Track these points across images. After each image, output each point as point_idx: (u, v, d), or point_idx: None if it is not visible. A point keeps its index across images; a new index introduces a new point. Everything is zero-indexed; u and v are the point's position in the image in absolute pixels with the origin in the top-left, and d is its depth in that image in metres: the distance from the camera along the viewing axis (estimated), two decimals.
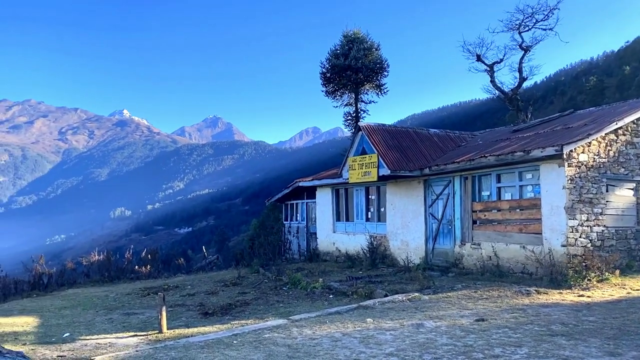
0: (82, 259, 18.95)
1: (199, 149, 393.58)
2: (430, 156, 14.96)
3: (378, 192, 16.50)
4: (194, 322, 9.42)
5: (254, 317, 9.51)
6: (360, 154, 15.18)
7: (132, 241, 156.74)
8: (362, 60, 31.17)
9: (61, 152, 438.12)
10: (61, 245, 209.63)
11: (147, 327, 9.09)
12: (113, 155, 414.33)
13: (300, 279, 13.20)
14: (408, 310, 8.82)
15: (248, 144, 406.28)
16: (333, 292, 11.63)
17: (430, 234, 14.51)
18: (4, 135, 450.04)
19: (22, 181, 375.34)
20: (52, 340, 8.08)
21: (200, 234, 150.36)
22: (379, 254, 15.76)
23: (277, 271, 15.11)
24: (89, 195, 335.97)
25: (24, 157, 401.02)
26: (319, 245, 19.16)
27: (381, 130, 15.15)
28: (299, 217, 21.12)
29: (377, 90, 33.02)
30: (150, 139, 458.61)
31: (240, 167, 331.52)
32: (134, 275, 18.22)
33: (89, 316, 10.32)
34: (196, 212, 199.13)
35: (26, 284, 15.96)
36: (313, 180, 19.09)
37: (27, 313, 10.95)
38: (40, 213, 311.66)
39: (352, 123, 33.45)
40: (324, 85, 33.38)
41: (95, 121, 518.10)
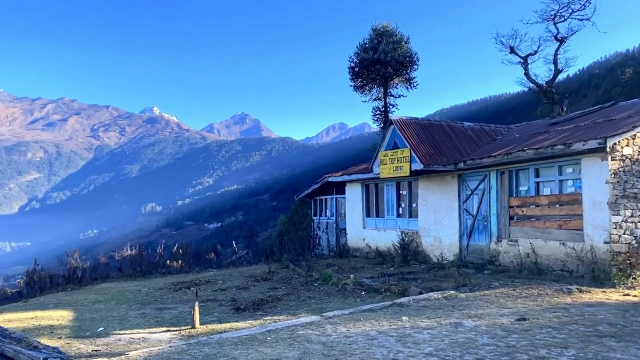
0: (115, 253, 19.21)
1: (227, 146, 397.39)
2: (464, 150, 14.57)
3: (409, 188, 16.19)
4: (227, 317, 9.36)
5: (286, 313, 9.40)
6: (392, 148, 14.90)
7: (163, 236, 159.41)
8: (391, 54, 30.76)
9: (93, 148, 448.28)
10: (94, 240, 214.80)
11: (179, 322, 9.07)
12: (144, 151, 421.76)
13: (331, 275, 13.05)
14: (445, 308, 8.56)
15: (275, 140, 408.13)
16: (365, 289, 11.43)
17: (465, 230, 14.15)
18: (39, 133, 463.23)
19: (57, 177, 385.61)
20: (86, 335, 8.12)
21: (229, 229, 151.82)
22: (410, 250, 15.47)
23: (307, 267, 15.00)
24: (120, 191, 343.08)
25: (58, 153, 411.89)
26: (348, 241, 18.97)
27: (413, 123, 14.83)
28: (328, 212, 20.95)
29: (407, 84, 32.56)
30: (180, 135, 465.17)
31: (268, 163, 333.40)
32: (166, 270, 18.37)
33: (122, 310, 10.38)
34: (225, 207, 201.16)
35: (61, 278, 16.25)
36: (343, 175, 18.88)
37: (62, 307, 11.09)
38: (74, 208, 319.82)
39: (381, 118, 33.09)
40: (353, 79, 33.06)
41: (126, 118, 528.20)
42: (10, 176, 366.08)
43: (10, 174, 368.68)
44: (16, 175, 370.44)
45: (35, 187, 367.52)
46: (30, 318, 9.70)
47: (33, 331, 8.47)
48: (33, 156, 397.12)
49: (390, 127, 15.10)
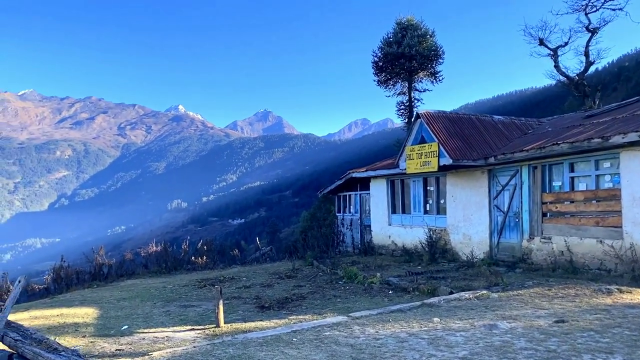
0: (141, 250, 19.26)
1: (250, 143, 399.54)
2: (494, 144, 14.10)
3: (437, 183, 15.78)
4: (251, 316, 9.18)
5: (311, 312, 9.17)
6: (419, 142, 14.51)
7: (188, 232, 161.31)
8: (416, 48, 30.30)
9: (120, 146, 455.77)
10: (121, 236, 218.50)
11: (204, 320, 8.92)
12: (169, 149, 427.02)
13: (357, 273, 12.77)
14: (477, 309, 8.22)
15: (298, 137, 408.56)
16: (392, 288, 11.13)
17: (495, 227, 13.70)
18: (67, 131, 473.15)
19: (85, 175, 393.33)
20: (110, 333, 8.02)
21: (252, 225, 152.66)
22: (438, 248, 15.08)
23: (331, 264, 14.76)
24: (147, 188, 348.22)
25: (86, 151, 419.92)
26: (373, 239, 18.64)
27: (441, 117, 14.41)
28: (352, 209, 20.65)
29: (432, 78, 32.06)
30: (204, 133, 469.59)
31: (290, 160, 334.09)
32: (191, 267, 18.35)
33: (147, 308, 10.29)
34: (248, 203, 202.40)
35: (87, 275, 16.34)
36: (367, 171, 18.55)
37: (88, 304, 11.07)
38: (102, 205, 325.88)
39: (405, 112, 32.66)
40: (376, 74, 32.71)
41: (152, 117, 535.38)
42: (40, 174, 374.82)
43: (40, 171, 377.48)
44: (46, 173, 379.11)
45: (64, 185, 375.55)
46: (56, 315, 9.68)
47: (58, 329, 8.43)
48: (62, 154, 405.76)
49: (417, 121, 14.71)
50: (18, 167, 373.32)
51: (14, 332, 5.34)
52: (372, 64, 32.75)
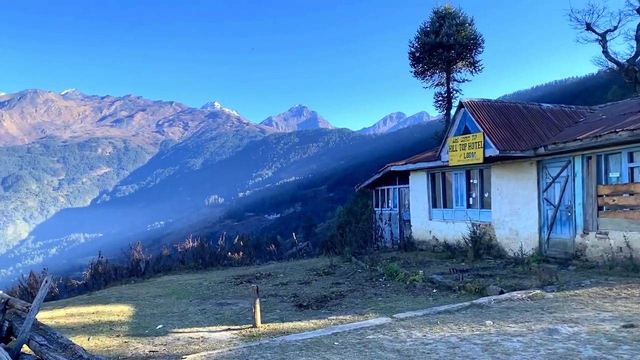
0: (177, 245, 19.22)
1: (285, 138, 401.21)
2: (544, 134, 13.26)
3: (481, 176, 15.02)
4: (289, 315, 8.80)
5: (352, 312, 8.72)
6: (462, 133, 13.80)
7: (225, 227, 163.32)
8: (454, 37, 29.48)
9: (159, 143, 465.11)
10: (161, 231, 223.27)
11: (240, 319, 8.60)
12: (206, 145, 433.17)
13: (398, 269, 12.24)
14: (532, 310, 7.59)
15: (332, 132, 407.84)
16: (436, 286, 10.56)
17: (545, 221, 12.90)
18: (108, 129, 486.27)
19: (125, 171, 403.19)
20: (145, 333, 7.78)
21: (288, 220, 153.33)
22: (483, 243, 14.36)
23: (370, 260, 14.24)
24: (185, 184, 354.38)
25: (126, 149, 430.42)
26: (413, 234, 18.02)
27: (486, 106, 13.64)
28: (391, 203, 20.05)
29: (471, 67, 31.15)
30: (240, 129, 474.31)
31: (325, 155, 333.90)
32: (227, 262, 18.20)
33: (183, 306, 10.05)
34: (284, 199, 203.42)
35: (125, 270, 16.35)
36: (406, 164, 17.91)
37: (124, 301, 10.93)
38: (142, 201, 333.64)
39: (444, 104, 31.88)
40: (413, 65, 31.99)
41: (189, 113, 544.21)
42: (83, 171, 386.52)
43: (83, 169, 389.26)
44: (88, 170, 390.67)
45: (105, 181, 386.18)
46: (92, 313, 9.54)
47: (93, 328, 8.25)
48: (103, 152, 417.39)
49: (460, 111, 13.98)
50: (62, 164, 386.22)
51: (40, 335, 5.10)
52: (408, 54, 32.03)
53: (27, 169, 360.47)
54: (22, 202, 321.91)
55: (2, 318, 5.21)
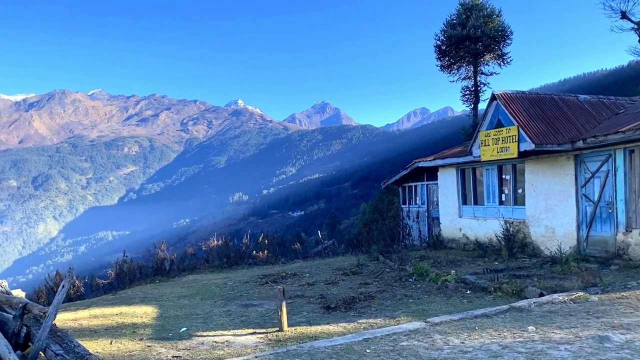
0: (202, 244, 19.07)
1: (308, 135, 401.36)
2: (582, 127, 12.59)
3: (514, 171, 14.40)
4: (316, 317, 8.45)
5: (382, 315, 8.32)
6: (495, 127, 13.21)
7: (250, 224, 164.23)
8: (482, 29, 28.71)
9: (183, 142, 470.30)
10: (186, 228, 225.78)
11: (266, 322, 8.29)
12: (230, 143, 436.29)
13: (428, 269, 11.79)
14: (577, 315, 7.07)
15: (356, 128, 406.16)
16: (470, 287, 10.08)
17: (584, 218, 12.26)
18: (134, 128, 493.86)
19: (151, 170, 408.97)
20: (168, 336, 7.52)
21: (312, 217, 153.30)
22: (516, 242, 13.77)
23: (399, 259, 13.80)
24: (209, 182, 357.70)
25: (152, 147, 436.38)
26: (442, 231, 17.48)
27: (520, 97, 13.03)
28: (419, 200, 19.53)
29: (499, 60, 30.31)
30: (263, 126, 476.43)
31: (349, 151, 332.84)
32: (252, 261, 17.96)
33: (207, 307, 9.79)
34: (308, 196, 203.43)
35: (150, 269, 16.23)
36: (435, 159, 17.36)
37: (148, 302, 10.73)
38: (167, 199, 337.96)
39: (471, 98, 31.16)
40: (439, 58, 31.32)
41: (213, 112, 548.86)
42: (110, 170, 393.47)
43: (110, 167, 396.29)
44: (115, 168, 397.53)
45: (132, 180, 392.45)
46: (115, 314, 9.35)
47: (116, 330, 8.04)
48: (129, 150, 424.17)
49: (492, 103, 13.39)
50: (90, 163, 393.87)
51: (57, 344, 4.86)
52: (434, 48, 31.36)
53: (56, 168, 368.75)
54: (51, 200, 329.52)
55: (20, 323, 4.99)
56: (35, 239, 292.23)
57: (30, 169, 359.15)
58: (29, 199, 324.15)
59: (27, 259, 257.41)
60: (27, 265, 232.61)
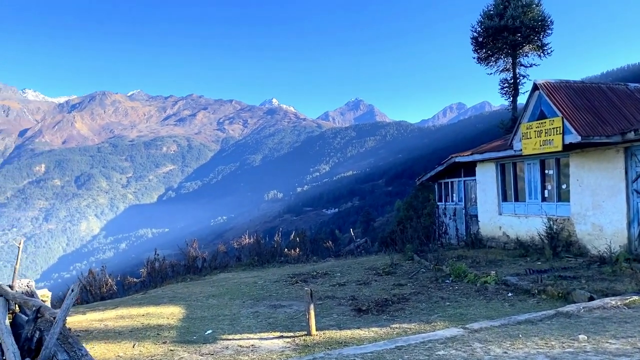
0: (234, 241, 18.93)
1: (342, 132, 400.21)
2: (633, 117, 11.73)
3: (557, 166, 13.59)
4: (346, 321, 8.04)
5: (417, 319, 7.84)
6: (537, 118, 12.47)
7: (285, 221, 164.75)
8: (520, 19, 27.69)
9: (220, 140, 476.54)
10: (223, 225, 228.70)
11: (294, 325, 7.93)
12: (265, 141, 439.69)
13: (466, 270, 11.22)
14: (633, 322, 6.43)
15: (390, 125, 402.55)
16: (511, 289, 9.47)
17: (635, 216, 11.40)
18: (172, 128, 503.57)
19: (189, 168, 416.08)
20: (193, 339, 7.24)
21: (346, 214, 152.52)
22: (560, 240, 12.98)
23: (435, 259, 13.24)
24: (245, 180, 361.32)
25: (189, 146, 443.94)
26: (481, 230, 16.76)
27: (565, 87, 12.24)
28: (455, 197, 18.82)
29: (539, 51, 29.15)
30: (297, 125, 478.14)
31: (383, 148, 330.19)
32: (283, 259, 17.70)
33: (235, 308, 9.51)
34: (341, 193, 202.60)
35: (182, 267, 16.16)
36: (473, 154, 16.65)
37: (176, 301, 10.54)
38: (205, 197, 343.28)
39: (510, 91, 30.16)
40: (476, 51, 30.39)
41: (248, 111, 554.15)
42: (150, 169, 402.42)
43: (149, 166, 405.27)
44: (154, 167, 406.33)
45: (170, 178, 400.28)
46: (142, 315, 9.16)
47: (140, 332, 7.83)
48: (168, 150, 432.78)
49: (534, 94, 12.63)
50: (130, 162, 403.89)
51: (65, 352, 4.61)
52: (471, 40, 30.47)
53: (97, 168, 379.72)
54: (93, 199, 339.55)
55: (33, 327, 4.78)
56: (78, 236, 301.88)
57: (73, 168, 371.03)
58: (72, 197, 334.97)
59: (71, 256, 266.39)
60: (71, 262, 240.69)
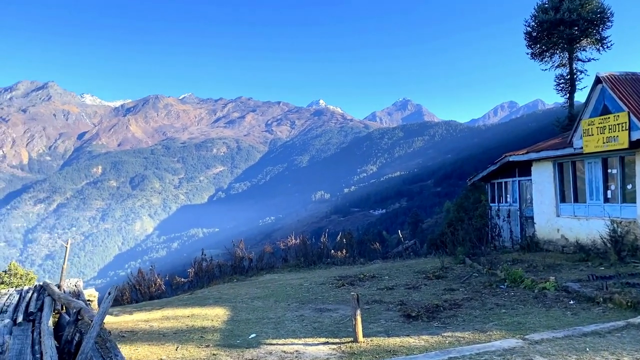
0: (280, 242, 18.83)
1: (389, 133, 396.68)
2: None
3: (622, 164, 12.68)
4: (395, 327, 7.68)
5: (470, 327, 7.38)
6: (600, 114, 11.68)
7: (332, 222, 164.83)
8: (577, 12, 26.38)
9: (268, 142, 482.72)
10: (271, 225, 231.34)
11: (340, 330, 7.64)
12: (312, 143, 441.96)
13: (522, 274, 10.59)
14: None
15: (438, 125, 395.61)
16: (573, 297, 8.82)
17: None
18: (222, 130, 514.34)
19: (238, 170, 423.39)
20: (236, 343, 7.08)
21: (394, 215, 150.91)
22: (626, 244, 12.11)
23: (488, 263, 12.62)
24: (292, 181, 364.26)
25: (239, 148, 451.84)
26: (537, 232, 15.93)
27: (630, 80, 11.39)
28: (509, 198, 18.01)
29: (598, 45, 27.69)
30: (344, 125, 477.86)
31: (431, 149, 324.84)
32: (330, 261, 17.44)
33: (280, 311, 9.32)
34: (389, 194, 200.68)
35: (229, 268, 16.17)
36: (528, 153, 15.84)
37: (221, 303, 10.46)
38: (253, 197, 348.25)
39: (566, 87, 28.85)
40: (530, 46, 29.25)
41: (296, 112, 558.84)
42: (200, 170, 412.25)
43: (200, 168, 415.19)
44: (205, 169, 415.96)
45: (220, 179, 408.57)
46: (187, 316, 9.11)
47: (184, 334, 7.75)
48: (217, 151, 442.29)
49: (596, 88, 11.84)
50: (181, 164, 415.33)
51: (100, 357, 4.50)
52: (524, 35, 29.36)
53: (151, 169, 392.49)
54: (147, 199, 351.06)
55: (73, 330, 4.72)
56: (133, 235, 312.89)
57: (128, 170, 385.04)
58: (127, 198, 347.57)
59: (126, 255, 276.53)
60: (126, 260, 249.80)
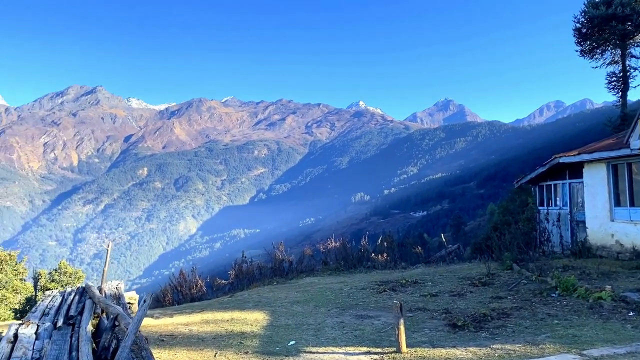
0: (320, 245, 18.68)
1: (430, 134, 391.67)
2: None
3: None
4: (440, 338, 7.35)
5: (521, 339, 6.97)
6: None
7: (372, 224, 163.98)
8: (631, 6, 25.17)
9: (308, 144, 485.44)
10: (311, 227, 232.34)
11: (382, 339, 7.38)
12: (351, 144, 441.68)
13: (575, 282, 10.01)
14: None
15: (481, 125, 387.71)
16: (632, 308, 8.25)
17: None
18: (262, 132, 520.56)
19: (279, 171, 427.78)
20: (275, 350, 6.92)
21: (435, 217, 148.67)
22: None
23: (537, 269, 12.05)
24: (332, 182, 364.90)
25: (279, 150, 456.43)
26: (589, 237, 15.15)
27: None
28: (559, 201, 17.23)
29: None
30: (384, 127, 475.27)
31: (474, 149, 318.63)
32: (370, 264, 17.16)
33: (320, 316, 9.12)
34: (430, 196, 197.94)
35: (269, 270, 16.13)
36: (580, 154, 15.09)
37: (261, 307, 10.35)
38: (293, 199, 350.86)
39: (618, 85, 27.60)
40: (579, 43, 28.11)
41: (335, 114, 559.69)
42: (242, 172, 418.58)
43: (242, 169, 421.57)
44: (246, 170, 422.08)
45: (261, 181, 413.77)
46: (226, 320, 9.04)
47: (223, 339, 7.65)
48: (259, 153, 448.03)
49: None
50: (224, 166, 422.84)
51: None
52: (573, 32, 28.23)
53: (194, 171, 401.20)
54: (190, 200, 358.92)
55: (110, 336, 4.66)
56: (177, 235, 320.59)
57: (172, 171, 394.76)
58: (172, 199, 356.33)
59: (170, 254, 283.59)
60: (170, 260, 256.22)
